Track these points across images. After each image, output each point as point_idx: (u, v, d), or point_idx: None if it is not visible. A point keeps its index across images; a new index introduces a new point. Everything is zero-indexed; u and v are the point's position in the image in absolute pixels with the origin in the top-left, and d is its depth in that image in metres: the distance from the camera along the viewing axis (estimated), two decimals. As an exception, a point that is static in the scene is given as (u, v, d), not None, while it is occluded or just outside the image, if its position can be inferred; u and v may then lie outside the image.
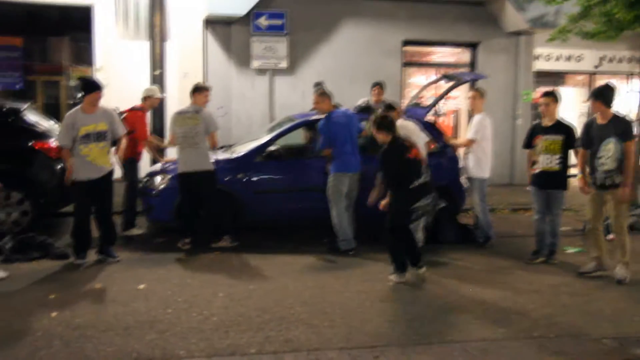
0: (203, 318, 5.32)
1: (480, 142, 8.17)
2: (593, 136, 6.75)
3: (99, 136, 6.96)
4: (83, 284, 6.23)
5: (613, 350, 4.91)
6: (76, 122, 6.85)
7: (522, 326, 5.35)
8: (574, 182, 7.31)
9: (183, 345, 4.73)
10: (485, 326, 5.33)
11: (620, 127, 6.59)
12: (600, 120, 6.70)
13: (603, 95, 6.69)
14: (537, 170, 7.40)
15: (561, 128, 7.28)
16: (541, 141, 7.34)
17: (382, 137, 6.51)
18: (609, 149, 6.58)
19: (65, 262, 7.04)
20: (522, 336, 5.13)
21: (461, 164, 8.63)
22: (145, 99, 8.44)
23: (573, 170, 7.51)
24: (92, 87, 7.03)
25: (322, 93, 7.91)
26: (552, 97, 7.38)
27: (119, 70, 12.59)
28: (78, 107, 7.02)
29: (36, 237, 7.40)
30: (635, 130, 6.96)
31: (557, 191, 7.37)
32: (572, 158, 7.34)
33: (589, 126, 6.87)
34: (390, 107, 7.65)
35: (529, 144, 7.53)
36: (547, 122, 7.36)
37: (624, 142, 6.54)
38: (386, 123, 6.53)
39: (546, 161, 7.30)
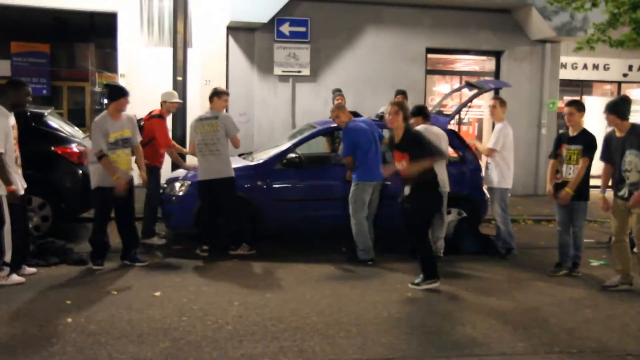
0: (218, 327, 5.27)
1: (502, 152, 8.05)
2: (613, 150, 6.60)
3: (125, 142, 7.02)
4: (99, 290, 6.22)
5: (637, 368, 4.76)
6: (108, 129, 6.87)
7: (543, 340, 5.22)
8: (597, 194, 7.13)
9: (196, 355, 4.68)
10: (504, 339, 5.20)
11: (635, 139, 6.43)
12: (618, 134, 6.55)
13: (618, 108, 6.53)
14: (559, 180, 7.26)
15: (582, 138, 7.12)
16: (565, 150, 7.20)
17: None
18: (630, 161, 6.41)
19: (83, 268, 7.05)
20: (543, 351, 5.00)
21: (482, 173, 8.51)
22: (162, 103, 8.43)
23: (593, 182, 7.33)
24: (119, 94, 7.05)
25: (339, 106, 7.92)
26: (576, 105, 7.24)
27: (142, 76, 12.69)
28: (105, 113, 7.03)
29: (56, 242, 7.44)
30: None
31: (579, 203, 7.20)
32: (594, 168, 7.19)
33: (609, 139, 6.72)
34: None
35: (555, 153, 7.39)
36: (572, 131, 7.22)
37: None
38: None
39: (568, 171, 7.17)
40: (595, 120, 16.02)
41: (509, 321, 5.67)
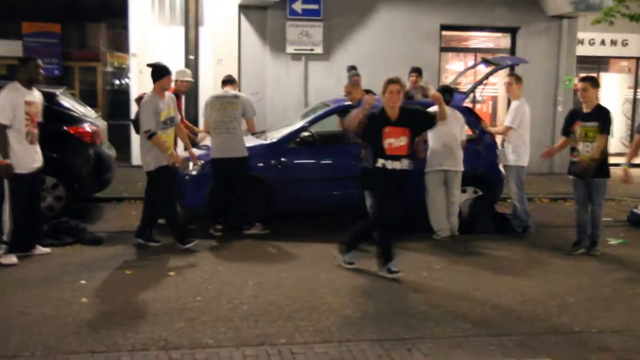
0: (232, 306, 5.23)
1: (518, 129, 7.93)
2: None
3: (172, 121, 7.03)
4: (114, 271, 6.20)
5: (660, 348, 4.67)
6: (158, 108, 6.81)
7: (562, 320, 5.14)
8: (615, 171, 7.01)
9: (211, 334, 4.65)
10: (523, 319, 5.13)
11: None
12: None
13: None
14: (576, 159, 7.11)
15: (598, 114, 6.97)
16: (579, 128, 7.05)
17: None
18: None
19: (98, 248, 7.03)
20: (563, 330, 4.93)
21: (498, 151, 8.38)
22: (175, 82, 8.34)
23: (612, 159, 7.19)
24: (163, 72, 6.99)
25: (354, 83, 7.76)
26: (590, 81, 7.09)
27: (154, 56, 12.47)
28: (152, 92, 6.94)
29: (70, 222, 7.42)
30: None
31: (599, 180, 7.07)
32: (612, 145, 7.06)
33: None
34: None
35: (567, 130, 7.24)
36: (586, 108, 7.07)
37: None
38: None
39: (585, 149, 7.01)
40: (612, 97, 15.86)
41: (526, 300, 5.59)
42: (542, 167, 13.26)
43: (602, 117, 6.94)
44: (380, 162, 6.03)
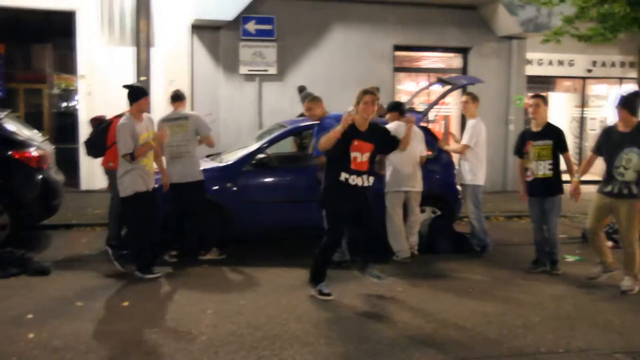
0: (191, 338, 5.00)
1: (474, 148, 7.95)
2: (611, 144, 6.48)
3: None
4: (63, 302, 5.88)
5: (627, 367, 4.65)
6: (135, 131, 6.56)
7: (528, 341, 5.08)
8: (566, 187, 7.08)
9: (170, 368, 4.42)
10: (489, 342, 5.05)
11: None
12: (622, 128, 6.41)
13: (629, 103, 6.39)
14: (530, 178, 7.14)
15: (550, 132, 7.04)
16: (532, 147, 7.07)
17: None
18: (630, 159, 6.29)
19: (45, 279, 6.68)
20: (530, 351, 4.86)
21: (455, 170, 8.38)
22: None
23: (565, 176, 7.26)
24: (140, 94, 6.78)
25: (315, 98, 7.58)
26: (541, 98, 7.16)
27: (103, 77, 12.29)
28: (128, 114, 6.69)
29: (14, 251, 7.04)
30: None
31: (553, 198, 7.10)
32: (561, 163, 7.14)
33: (608, 133, 6.61)
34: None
35: (519, 151, 7.28)
36: (535, 127, 7.12)
37: None
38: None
39: (538, 168, 7.04)
40: (560, 116, 16.20)
41: (492, 322, 5.52)
42: (496, 185, 13.41)
43: (555, 135, 7.00)
44: (344, 176, 5.88)
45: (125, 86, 6.91)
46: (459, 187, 8.36)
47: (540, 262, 7.31)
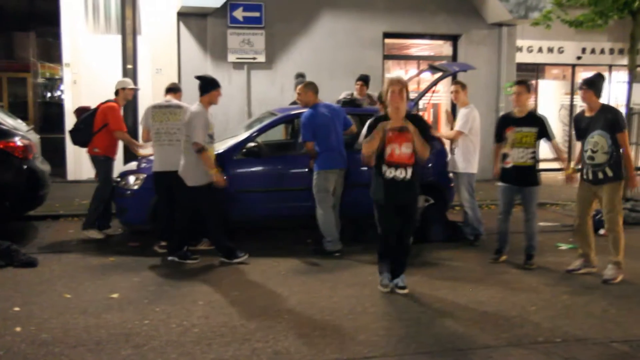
0: (183, 330, 4.89)
1: (469, 135, 7.87)
2: (581, 130, 6.46)
3: (212, 137, 6.90)
4: (51, 295, 5.75)
5: (625, 355, 4.59)
6: (208, 121, 6.74)
7: (525, 330, 5.02)
8: (549, 176, 7.01)
9: (162, 362, 4.32)
10: (486, 331, 4.98)
11: (609, 117, 6.28)
12: (588, 112, 6.39)
13: (595, 85, 6.35)
14: (509, 165, 6.91)
15: (535, 119, 6.87)
16: (513, 133, 6.87)
17: None
18: (595, 142, 6.28)
19: (32, 270, 6.54)
20: (527, 342, 4.79)
21: (448, 158, 8.30)
22: (118, 91, 8.01)
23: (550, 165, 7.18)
24: (213, 85, 6.90)
25: (307, 84, 7.49)
26: (524, 85, 6.98)
27: (89, 66, 12.12)
28: (200, 105, 6.77)
29: (0, 243, 6.88)
30: None
31: (531, 188, 6.90)
32: (542, 151, 7.06)
33: (578, 119, 6.58)
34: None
35: (500, 136, 7.07)
36: (518, 112, 6.93)
37: (616, 134, 6.23)
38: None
39: (519, 155, 6.83)
40: (549, 104, 16.20)
41: (487, 311, 5.46)
42: (487, 174, 13.29)
43: (540, 122, 6.83)
44: (383, 169, 5.71)
45: (198, 77, 6.97)
46: (451, 176, 8.29)
47: (503, 252, 7.16)
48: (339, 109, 7.60)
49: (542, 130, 6.81)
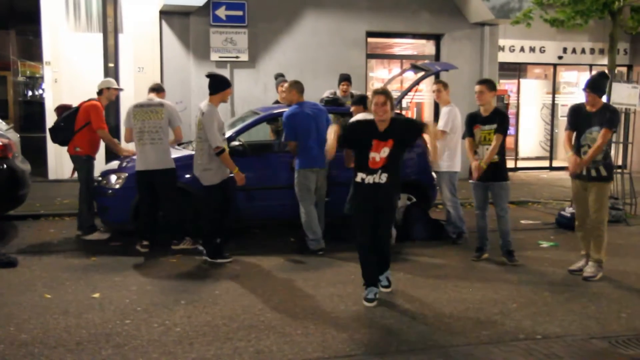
0: (165, 329, 4.87)
1: (450, 134, 7.90)
2: (579, 123, 6.48)
3: (224, 134, 6.94)
4: (31, 295, 5.69)
5: (604, 351, 4.63)
6: (220, 121, 6.75)
7: (507, 328, 5.06)
8: (531, 175, 7.05)
9: (143, 361, 4.29)
10: (468, 329, 5.01)
11: (607, 115, 6.33)
12: (589, 108, 6.42)
13: (599, 86, 6.40)
14: (476, 162, 6.97)
15: (495, 116, 6.92)
16: (479, 131, 6.99)
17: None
18: (594, 138, 6.33)
19: (12, 271, 6.46)
20: (508, 339, 4.82)
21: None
22: (102, 91, 7.91)
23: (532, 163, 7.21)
24: (225, 84, 6.88)
25: (293, 83, 7.52)
26: (486, 84, 7.03)
27: (70, 64, 12.01)
28: (211, 104, 6.76)
29: (-21, 243, 6.83)
30: None
31: (500, 184, 6.96)
32: (532, 149, 7.09)
33: (576, 110, 6.58)
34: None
35: (470, 132, 7.11)
36: (484, 111, 7.01)
37: (603, 128, 6.28)
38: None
39: (484, 152, 6.93)
40: (531, 103, 16.31)
41: (469, 309, 5.49)
42: (466, 172, 13.38)
43: (499, 119, 6.89)
44: (360, 176, 5.61)
45: (209, 75, 6.93)
46: (433, 174, 8.32)
47: (484, 250, 7.21)
48: (321, 108, 7.60)
49: (499, 126, 6.84)
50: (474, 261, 7.12)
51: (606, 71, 7.36)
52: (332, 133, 5.56)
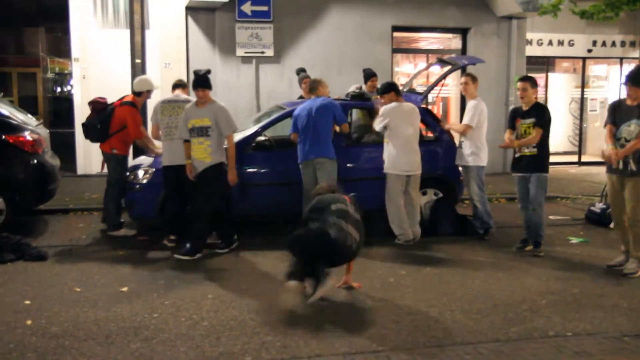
0: (192, 323, 4.90)
1: (477, 129, 7.83)
2: (618, 117, 6.37)
3: (202, 131, 6.88)
4: (61, 288, 5.76)
5: (637, 349, 4.54)
6: (188, 116, 6.94)
7: (536, 324, 4.99)
8: (559, 170, 6.96)
9: (171, 355, 4.31)
10: (497, 325, 4.95)
11: None
12: (630, 102, 6.32)
13: (638, 79, 6.30)
14: (517, 155, 7.18)
15: (534, 110, 7.03)
16: (520, 125, 7.12)
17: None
18: (632, 131, 6.19)
19: (42, 264, 6.56)
20: (538, 335, 4.76)
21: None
22: (141, 93, 7.89)
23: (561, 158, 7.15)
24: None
25: (316, 80, 7.63)
26: (529, 81, 7.15)
27: (98, 60, 12.14)
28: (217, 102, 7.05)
29: (10, 237, 6.91)
30: None
31: (538, 175, 7.01)
32: (561, 144, 7.06)
33: (616, 106, 6.49)
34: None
35: (512, 125, 7.29)
36: (525, 106, 7.14)
37: None
38: None
39: (524, 145, 7.05)
40: (560, 97, 16.08)
41: (498, 305, 5.42)
42: (496, 167, 13.29)
43: (538, 112, 7.00)
44: None
45: (193, 72, 7.10)
46: (460, 169, 8.25)
47: (530, 242, 7.27)
48: (328, 106, 7.50)
49: (537, 119, 6.95)
50: (518, 252, 7.19)
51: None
52: None
